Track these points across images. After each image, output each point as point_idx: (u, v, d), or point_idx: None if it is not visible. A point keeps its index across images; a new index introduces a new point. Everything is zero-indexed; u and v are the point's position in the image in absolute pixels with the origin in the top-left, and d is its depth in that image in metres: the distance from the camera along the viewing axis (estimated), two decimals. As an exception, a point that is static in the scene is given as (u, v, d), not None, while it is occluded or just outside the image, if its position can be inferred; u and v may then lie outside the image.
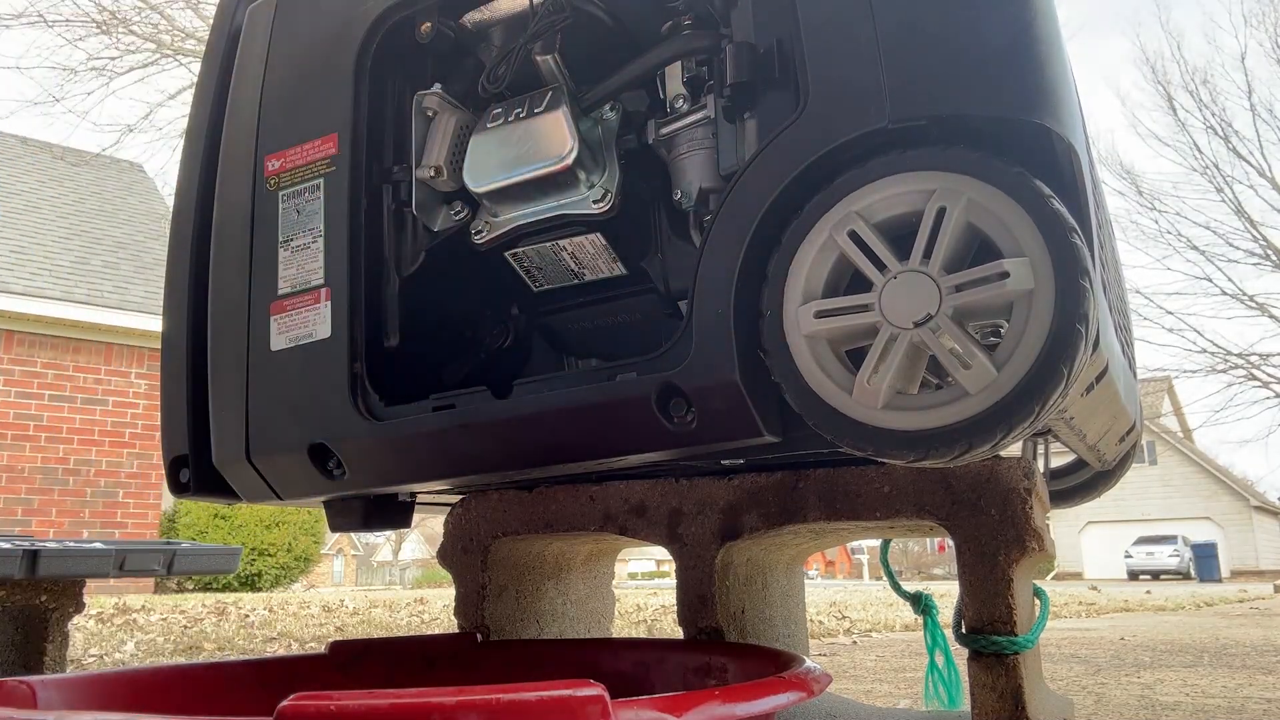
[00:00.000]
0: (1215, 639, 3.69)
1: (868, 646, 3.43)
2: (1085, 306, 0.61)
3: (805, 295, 0.70)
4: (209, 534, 9.75)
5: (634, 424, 0.77)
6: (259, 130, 0.99)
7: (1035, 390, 0.62)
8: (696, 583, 1.01)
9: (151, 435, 8.41)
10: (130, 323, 8.35)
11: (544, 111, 0.83)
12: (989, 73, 0.67)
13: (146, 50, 9.70)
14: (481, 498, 1.17)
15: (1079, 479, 1.40)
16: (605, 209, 0.83)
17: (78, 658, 2.76)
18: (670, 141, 0.85)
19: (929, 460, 0.66)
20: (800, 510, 0.97)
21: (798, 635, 1.22)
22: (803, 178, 0.71)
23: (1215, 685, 2.23)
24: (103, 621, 4.06)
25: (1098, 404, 0.85)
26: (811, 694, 0.63)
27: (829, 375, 0.68)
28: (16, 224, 9.07)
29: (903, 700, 1.99)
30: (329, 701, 0.41)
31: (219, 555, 1.71)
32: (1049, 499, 1.11)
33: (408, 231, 0.95)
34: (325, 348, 0.91)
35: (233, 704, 0.84)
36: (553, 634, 1.21)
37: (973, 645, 0.85)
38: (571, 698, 0.44)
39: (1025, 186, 0.64)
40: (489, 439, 0.84)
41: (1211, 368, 18.69)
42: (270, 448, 0.94)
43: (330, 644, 0.96)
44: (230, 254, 0.99)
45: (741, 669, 0.87)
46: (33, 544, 1.37)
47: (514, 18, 0.90)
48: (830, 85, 0.72)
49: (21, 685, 0.68)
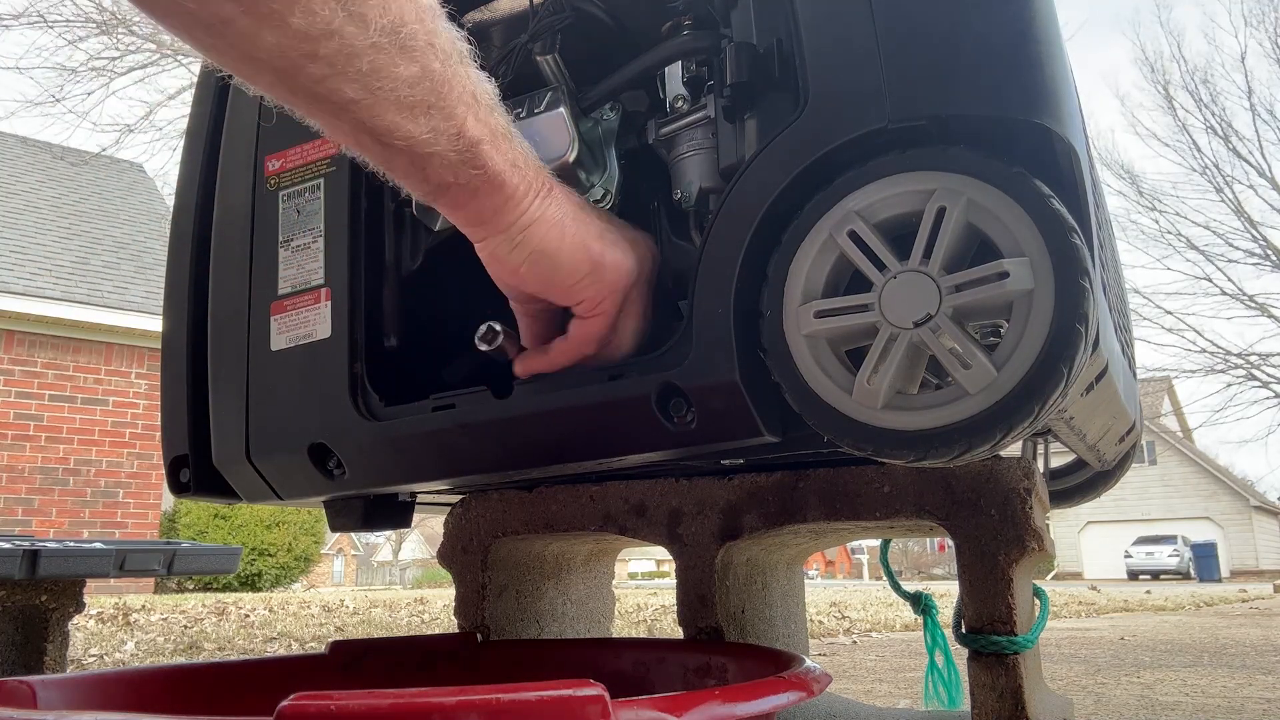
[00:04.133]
0: (1215, 639, 3.69)
1: (868, 646, 3.43)
2: (1085, 306, 0.61)
3: (805, 295, 0.70)
4: (209, 534, 9.75)
5: (634, 424, 0.77)
6: (259, 130, 0.99)
7: (1035, 390, 0.62)
8: (696, 583, 1.01)
9: (151, 435, 8.41)
10: (130, 323, 8.36)
11: (544, 111, 0.83)
12: (989, 73, 0.67)
13: (146, 50, 9.70)
14: (481, 498, 1.17)
15: (1079, 479, 1.40)
16: (605, 209, 0.83)
17: (78, 658, 2.76)
18: (670, 141, 0.85)
19: (929, 460, 0.66)
20: (800, 510, 0.97)
21: (798, 635, 1.22)
22: (803, 178, 0.71)
23: (1215, 685, 2.23)
24: (103, 621, 4.06)
25: (1098, 404, 0.85)
26: (811, 694, 0.63)
27: (829, 375, 0.68)
28: (16, 224, 9.07)
29: (903, 700, 1.99)
30: (329, 701, 0.41)
31: (219, 555, 1.71)
32: (1049, 499, 1.11)
33: (408, 231, 0.95)
34: (325, 348, 0.91)
35: (233, 704, 0.84)
36: (553, 634, 1.21)
37: (972, 645, 0.85)
38: (572, 697, 0.44)
39: (1025, 186, 0.64)
40: (489, 439, 0.84)
41: (1211, 368, 18.72)
42: (270, 447, 0.95)
43: (330, 644, 0.96)
44: (230, 254, 1.00)
45: (741, 669, 0.87)
46: (33, 544, 1.37)
47: (514, 18, 0.90)
48: (830, 85, 0.72)
49: (21, 685, 0.68)
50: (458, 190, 0.70)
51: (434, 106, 0.64)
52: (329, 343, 0.91)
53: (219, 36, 0.56)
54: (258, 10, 0.55)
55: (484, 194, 0.70)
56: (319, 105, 0.62)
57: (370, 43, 0.59)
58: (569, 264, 0.75)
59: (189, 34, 0.57)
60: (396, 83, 0.62)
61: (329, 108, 0.62)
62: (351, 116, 0.62)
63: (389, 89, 0.61)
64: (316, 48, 0.57)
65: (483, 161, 0.69)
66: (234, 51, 0.57)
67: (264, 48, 0.57)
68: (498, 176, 0.70)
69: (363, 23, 0.58)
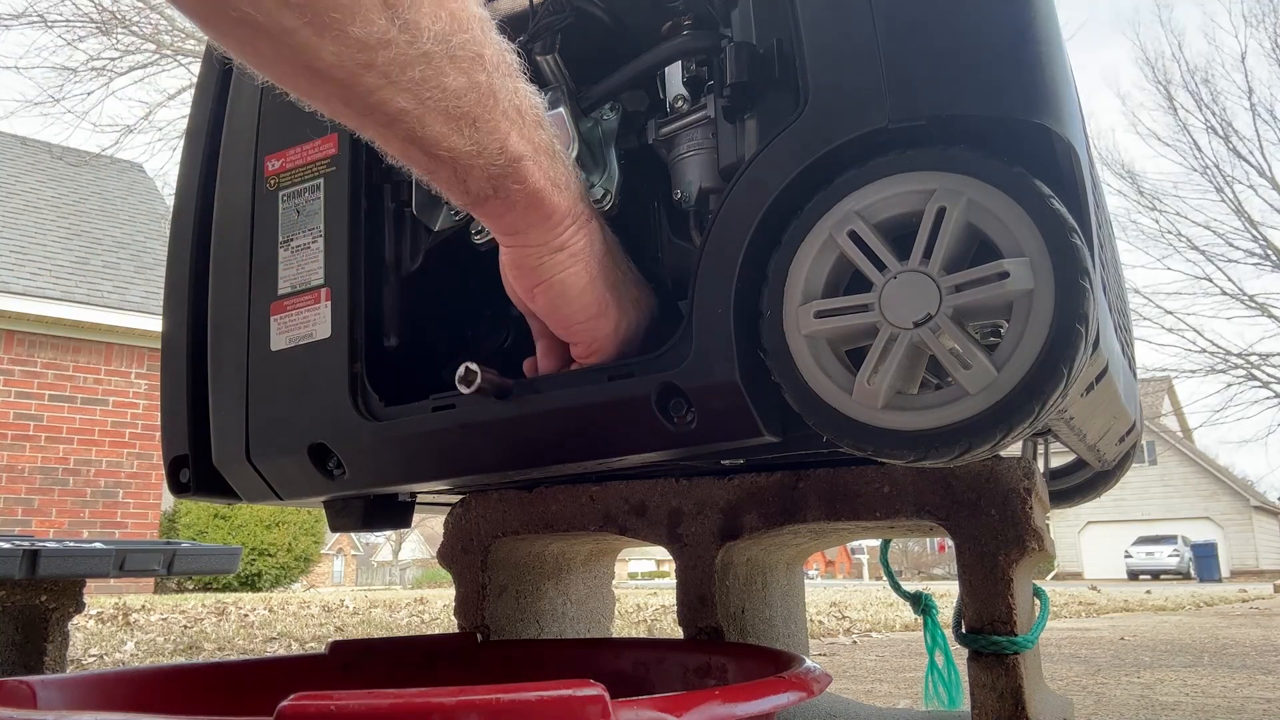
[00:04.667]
0: (1215, 639, 3.69)
1: (868, 646, 3.43)
2: (1085, 306, 0.61)
3: (805, 295, 0.70)
4: (209, 534, 9.75)
5: (634, 424, 0.77)
6: (259, 130, 0.99)
7: (1035, 390, 0.62)
8: (696, 583, 1.01)
9: (151, 435, 8.41)
10: (130, 323, 8.35)
11: (544, 111, 0.83)
12: (989, 73, 0.67)
13: (146, 50, 9.70)
14: (481, 498, 1.17)
15: (1079, 479, 1.40)
16: (605, 209, 0.83)
17: (78, 658, 2.76)
18: (670, 141, 0.85)
19: (929, 460, 0.66)
20: (800, 510, 0.97)
21: (798, 635, 1.22)
22: (803, 178, 0.71)
23: (1215, 685, 2.23)
24: (103, 621, 4.06)
25: (1098, 404, 0.85)
26: (811, 694, 0.63)
27: (829, 375, 0.68)
28: (16, 224, 9.07)
29: (903, 700, 1.99)
30: (329, 701, 0.41)
31: (219, 555, 1.70)
32: (1049, 499, 1.11)
33: (408, 231, 0.95)
34: (325, 348, 0.91)
35: (233, 704, 0.84)
36: (553, 634, 1.21)
37: (972, 645, 0.85)
38: (572, 697, 0.44)
39: (1025, 186, 0.64)
40: (489, 439, 0.84)
41: (1211, 368, 18.71)
42: (270, 448, 0.95)
43: (330, 644, 0.96)
44: (230, 254, 1.00)
45: (741, 669, 0.87)
46: (33, 544, 1.37)
47: (514, 18, 0.90)
48: (830, 85, 0.72)
49: (21, 685, 0.68)
50: (496, 203, 0.71)
51: (479, 119, 0.65)
52: (329, 343, 0.91)
53: (283, 47, 0.57)
54: (320, 20, 0.56)
55: (521, 209, 0.72)
56: (371, 117, 0.63)
57: (421, 52, 0.60)
58: (579, 303, 0.77)
59: (252, 47, 0.59)
60: (444, 93, 0.63)
61: (381, 119, 0.63)
62: (402, 127, 0.64)
63: (437, 99, 0.63)
64: (374, 57, 0.59)
65: (524, 176, 0.70)
66: (296, 62, 0.59)
67: (324, 57, 0.58)
68: (537, 194, 0.71)
69: (415, 31, 0.59)
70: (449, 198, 0.72)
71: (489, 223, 0.75)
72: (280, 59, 0.59)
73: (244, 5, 0.54)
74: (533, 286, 0.77)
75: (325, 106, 0.63)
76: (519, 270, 0.77)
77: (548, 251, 0.74)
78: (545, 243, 0.74)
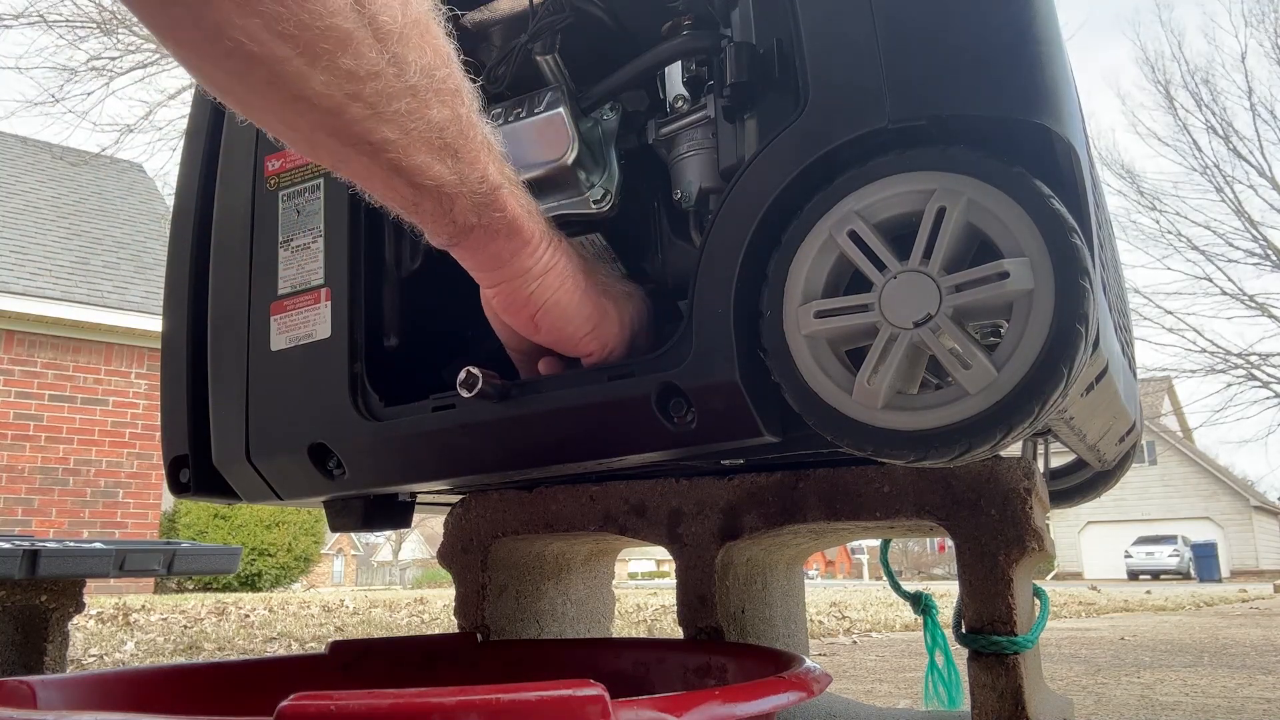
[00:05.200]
0: (1215, 639, 3.69)
1: (868, 646, 3.43)
2: (1085, 306, 0.61)
3: (805, 295, 0.70)
4: (209, 534, 9.75)
5: (634, 424, 0.77)
6: (259, 130, 0.99)
7: (1035, 390, 0.62)
8: (696, 583, 1.01)
9: (151, 435, 8.41)
10: (130, 323, 8.35)
11: (544, 111, 0.83)
12: (989, 73, 0.67)
13: (146, 50, 9.69)
14: (481, 498, 1.17)
15: (1079, 479, 1.40)
16: (605, 209, 0.83)
17: (78, 658, 2.77)
18: (670, 141, 0.85)
19: (929, 460, 0.66)
20: (800, 510, 0.97)
21: (798, 635, 1.22)
22: (803, 178, 0.71)
23: (1215, 685, 2.23)
24: (103, 621, 4.06)
25: (1098, 404, 0.85)
26: (811, 694, 0.63)
27: (829, 375, 0.68)
28: (16, 224, 9.07)
29: (903, 700, 1.99)
30: (329, 701, 0.41)
31: (219, 555, 1.71)
32: (1049, 499, 1.11)
33: (407, 231, 0.95)
34: (325, 348, 0.91)
35: (233, 704, 0.84)
36: (553, 634, 1.21)
37: (973, 645, 0.85)
38: (572, 697, 0.44)
39: (1025, 186, 0.64)
40: (489, 439, 0.84)
41: (1211, 368, 18.71)
42: (270, 448, 0.95)
43: (330, 644, 0.96)
44: (230, 254, 1.00)
45: (741, 669, 0.87)
46: (33, 544, 1.37)
47: (514, 18, 0.90)
48: (830, 85, 0.72)
49: (21, 685, 0.68)
50: (480, 232, 0.72)
51: (460, 150, 0.67)
52: (329, 343, 0.91)
53: (274, 75, 0.58)
54: (312, 51, 0.57)
55: (503, 237, 0.73)
56: (356, 147, 0.64)
57: (408, 85, 0.62)
58: (580, 316, 0.78)
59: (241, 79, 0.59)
60: (429, 125, 0.64)
61: (366, 149, 0.64)
62: (387, 157, 0.65)
63: (421, 130, 0.64)
64: (362, 88, 0.60)
65: (503, 204, 0.71)
66: (286, 91, 0.60)
67: (314, 87, 0.59)
68: (516, 220, 0.73)
69: (403, 64, 0.61)
70: (432, 234, 0.73)
71: (473, 257, 0.76)
72: (270, 89, 0.60)
73: (238, 35, 0.55)
74: (533, 315, 0.78)
75: (309, 139, 0.64)
76: (512, 305, 0.78)
77: (534, 278, 0.76)
78: (529, 269, 0.75)
